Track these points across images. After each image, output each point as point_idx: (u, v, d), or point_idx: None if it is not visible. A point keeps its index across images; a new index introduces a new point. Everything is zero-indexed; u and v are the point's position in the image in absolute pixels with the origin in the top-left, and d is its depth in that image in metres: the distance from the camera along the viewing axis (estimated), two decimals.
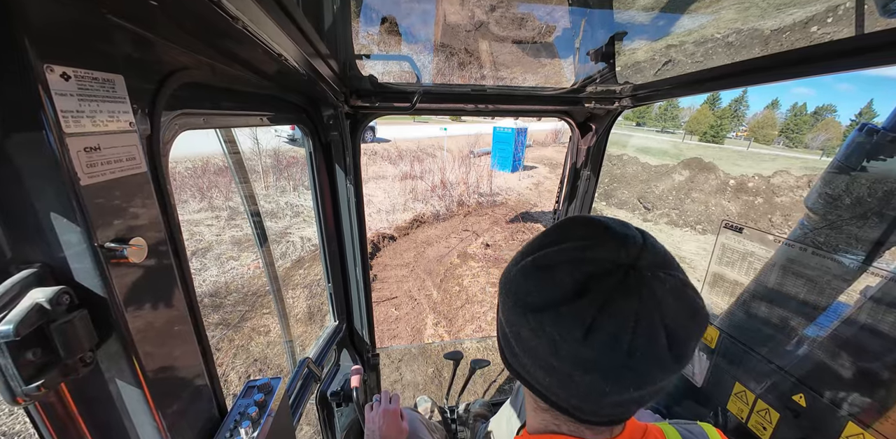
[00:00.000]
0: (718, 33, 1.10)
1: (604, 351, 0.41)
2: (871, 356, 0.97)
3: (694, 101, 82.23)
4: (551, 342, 0.43)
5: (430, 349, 4.18)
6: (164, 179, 0.51)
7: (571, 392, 0.46)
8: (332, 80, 0.99)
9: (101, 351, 0.43)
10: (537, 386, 0.50)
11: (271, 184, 9.43)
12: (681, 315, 0.42)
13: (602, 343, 0.41)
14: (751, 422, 1.30)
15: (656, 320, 0.41)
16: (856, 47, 0.71)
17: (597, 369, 0.42)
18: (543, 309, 0.44)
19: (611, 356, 0.41)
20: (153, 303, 0.48)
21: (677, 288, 0.43)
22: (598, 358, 0.41)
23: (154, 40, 0.48)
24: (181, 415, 0.54)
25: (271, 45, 0.57)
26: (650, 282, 0.42)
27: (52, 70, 0.34)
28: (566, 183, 1.88)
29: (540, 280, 0.46)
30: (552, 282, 0.44)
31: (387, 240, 7.38)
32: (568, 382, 0.45)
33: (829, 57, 0.76)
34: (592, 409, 0.48)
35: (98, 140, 0.39)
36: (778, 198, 10.37)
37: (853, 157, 1.12)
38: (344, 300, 1.66)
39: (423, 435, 1.32)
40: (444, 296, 5.63)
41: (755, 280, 1.31)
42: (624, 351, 0.40)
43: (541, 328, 0.44)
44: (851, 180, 1.13)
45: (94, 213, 0.38)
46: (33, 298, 0.35)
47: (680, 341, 0.42)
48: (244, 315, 4.59)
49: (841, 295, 1.04)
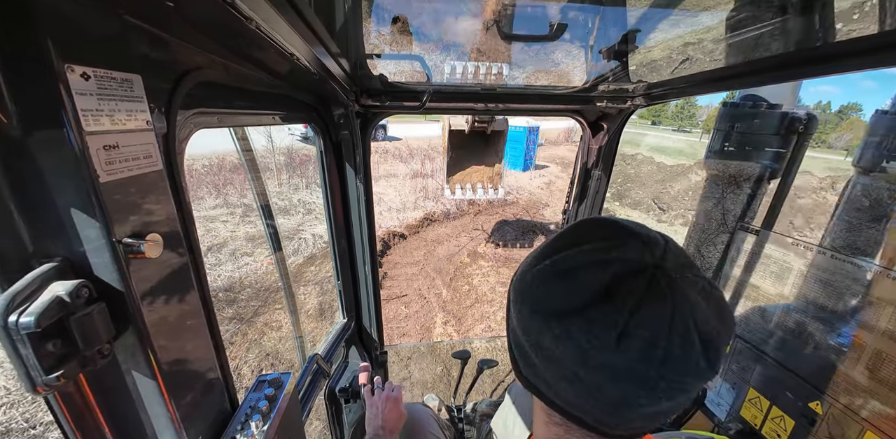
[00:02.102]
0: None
1: (638, 358, 0.38)
2: (890, 363, 0.94)
3: (711, 99, 79.22)
4: (579, 350, 0.40)
5: (440, 347, 4.19)
6: (179, 177, 0.52)
7: (597, 404, 0.43)
8: (343, 79, 1.00)
9: (118, 343, 0.44)
10: (557, 400, 0.47)
11: (284, 182, 9.56)
12: (712, 318, 0.40)
13: (637, 350, 0.38)
14: (765, 429, 1.27)
15: (690, 324, 0.38)
16: (878, 45, 0.68)
17: (629, 378, 0.39)
18: (569, 314, 0.41)
19: (645, 364, 0.38)
20: (168, 298, 0.49)
21: (706, 290, 0.41)
22: (631, 365, 0.39)
23: (170, 40, 0.49)
24: (194, 407, 0.55)
25: (283, 45, 0.57)
26: (680, 284, 0.40)
27: (73, 70, 0.35)
28: (577, 182, 1.86)
29: (563, 284, 0.43)
30: (576, 286, 0.42)
31: (397, 238, 7.42)
32: (595, 394, 0.42)
33: (849, 55, 0.73)
34: (617, 423, 0.45)
35: (116, 138, 0.40)
36: (799, 201, 10.07)
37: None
38: (353, 297, 1.68)
39: (434, 430, 1.33)
40: (453, 294, 5.64)
41: (771, 283, 1.28)
42: (659, 358, 0.38)
43: (567, 335, 0.41)
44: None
45: (112, 210, 0.39)
46: (54, 291, 0.37)
47: (714, 346, 0.39)
48: (257, 310, 4.67)
49: (860, 300, 1.01)
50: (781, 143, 1.40)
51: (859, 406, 1.00)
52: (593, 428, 0.47)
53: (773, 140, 1.40)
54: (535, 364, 0.46)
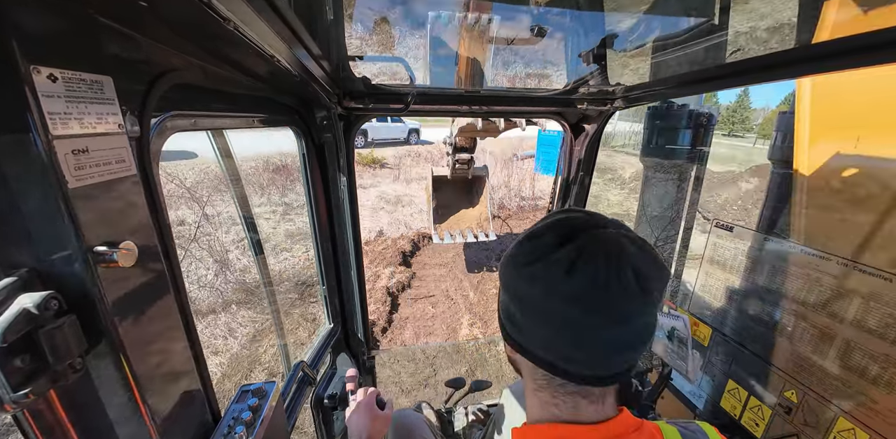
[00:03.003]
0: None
1: (584, 285, 0.50)
2: (860, 352, 0.99)
3: (768, 100, 72.11)
4: (543, 284, 0.52)
5: (465, 348, 4.24)
6: (154, 182, 0.50)
7: (566, 340, 0.53)
8: (325, 81, 0.99)
9: (91, 356, 0.42)
10: (538, 352, 0.56)
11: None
12: (644, 260, 0.52)
13: (582, 278, 0.50)
14: (744, 419, 1.31)
15: (623, 262, 0.50)
16: (857, 46, 0.69)
17: (581, 301, 0.50)
18: (534, 261, 0.54)
19: (590, 290, 0.50)
20: (144, 308, 0.47)
21: (640, 241, 0.54)
22: (581, 292, 0.50)
23: (143, 41, 0.47)
24: (174, 421, 0.53)
25: (263, 47, 0.56)
26: (617, 237, 0.53)
27: (39, 72, 0.33)
28: (560, 183, 1.90)
29: (531, 243, 0.56)
30: (540, 242, 0.55)
31: (427, 239, 7.44)
32: (563, 329, 0.52)
33: (817, 58, 0.77)
34: (588, 359, 0.54)
35: (86, 142, 0.38)
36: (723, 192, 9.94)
37: None
38: (339, 302, 1.65)
39: (426, 435, 1.32)
40: (480, 297, 5.66)
41: (746, 278, 1.33)
42: (601, 285, 0.49)
43: (533, 277, 0.53)
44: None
45: (82, 217, 0.38)
46: (21, 304, 0.35)
47: (645, 278, 0.50)
48: (293, 302, 4.88)
49: (829, 291, 1.06)
50: (692, 135, 1.84)
51: (831, 394, 1.05)
52: (572, 376, 0.55)
53: (686, 133, 1.84)
54: (517, 319, 0.58)
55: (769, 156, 1.65)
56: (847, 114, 1.21)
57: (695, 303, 1.55)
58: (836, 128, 1.24)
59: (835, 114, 1.26)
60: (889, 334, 0.92)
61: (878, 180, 1.08)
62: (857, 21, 0.78)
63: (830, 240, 1.14)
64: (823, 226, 1.22)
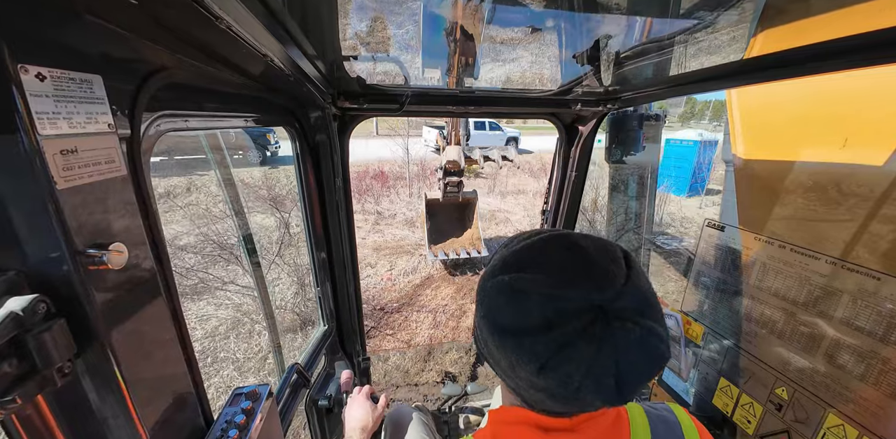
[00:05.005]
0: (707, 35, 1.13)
1: (552, 385, 0.44)
2: (847, 349, 1.00)
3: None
4: (509, 362, 0.47)
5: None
6: (144, 182, 0.50)
7: (528, 393, 0.51)
8: (319, 81, 0.99)
9: (81, 361, 0.41)
10: (509, 382, 0.53)
11: (414, 192, 9.71)
12: (639, 361, 0.44)
13: (553, 379, 0.44)
14: (736, 416, 1.33)
15: (609, 367, 0.42)
16: (847, 47, 0.69)
17: (547, 393, 0.47)
18: (508, 334, 0.46)
19: (559, 390, 0.45)
20: (135, 311, 0.46)
21: (642, 338, 0.43)
22: (549, 388, 0.45)
23: (134, 40, 0.46)
24: (165, 425, 0.52)
25: (256, 46, 0.56)
26: (615, 332, 0.42)
27: (27, 70, 0.33)
28: (554, 184, 1.91)
29: (511, 303, 0.46)
30: (522, 310, 0.45)
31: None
32: (525, 386, 0.49)
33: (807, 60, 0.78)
34: (562, 407, 0.51)
35: (75, 142, 0.38)
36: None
37: None
38: (333, 304, 1.64)
39: (420, 430, 1.32)
40: None
41: (737, 277, 1.35)
42: (573, 388, 0.43)
43: (503, 347, 0.47)
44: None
45: (71, 218, 0.37)
46: (8, 307, 0.34)
47: (629, 383, 0.43)
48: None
49: (818, 290, 1.08)
50: (646, 134, 2.07)
51: (821, 390, 1.07)
52: (548, 413, 0.54)
53: (640, 132, 2.07)
54: (493, 353, 0.51)
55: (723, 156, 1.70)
56: (766, 120, 1.28)
57: (687, 301, 1.57)
58: (759, 131, 1.30)
59: (758, 120, 1.32)
60: (876, 331, 0.94)
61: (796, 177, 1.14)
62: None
63: (790, 233, 1.17)
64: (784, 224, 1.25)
